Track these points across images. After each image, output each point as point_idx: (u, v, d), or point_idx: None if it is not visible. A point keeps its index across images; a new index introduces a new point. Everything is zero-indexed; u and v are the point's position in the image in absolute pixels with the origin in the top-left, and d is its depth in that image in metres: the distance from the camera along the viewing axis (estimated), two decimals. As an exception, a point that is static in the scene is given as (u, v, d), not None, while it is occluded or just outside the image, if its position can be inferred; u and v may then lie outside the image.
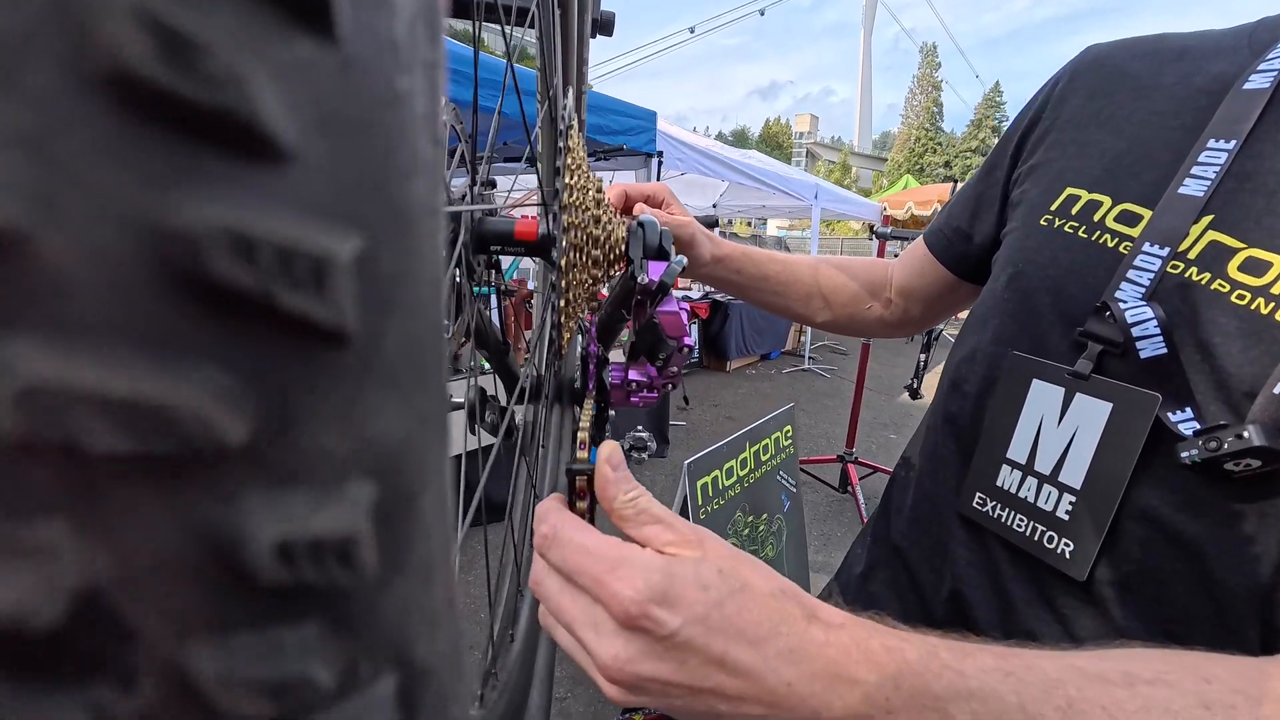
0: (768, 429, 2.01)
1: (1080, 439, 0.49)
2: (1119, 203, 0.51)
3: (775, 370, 6.73)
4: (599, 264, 0.46)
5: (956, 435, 0.60)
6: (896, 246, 3.54)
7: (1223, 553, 0.42)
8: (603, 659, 0.28)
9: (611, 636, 0.28)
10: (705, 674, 0.28)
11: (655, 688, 0.28)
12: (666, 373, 0.50)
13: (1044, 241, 0.55)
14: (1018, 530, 0.52)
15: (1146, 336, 0.45)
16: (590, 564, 0.29)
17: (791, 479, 2.13)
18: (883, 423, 5.07)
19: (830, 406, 5.45)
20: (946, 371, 0.64)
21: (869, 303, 0.84)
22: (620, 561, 0.29)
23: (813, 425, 4.90)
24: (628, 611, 0.28)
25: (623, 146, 3.65)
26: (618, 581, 0.28)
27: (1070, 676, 0.30)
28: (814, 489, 3.66)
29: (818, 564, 2.89)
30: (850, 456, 3.55)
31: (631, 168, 4.23)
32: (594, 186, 0.46)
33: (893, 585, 0.66)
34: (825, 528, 3.30)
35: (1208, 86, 0.50)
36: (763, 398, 5.60)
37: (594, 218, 0.45)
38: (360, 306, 0.09)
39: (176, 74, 0.07)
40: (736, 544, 1.67)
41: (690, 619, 0.28)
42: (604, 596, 0.29)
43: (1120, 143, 0.54)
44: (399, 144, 0.10)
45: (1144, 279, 0.47)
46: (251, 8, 0.08)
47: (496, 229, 0.46)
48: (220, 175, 0.08)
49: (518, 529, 0.58)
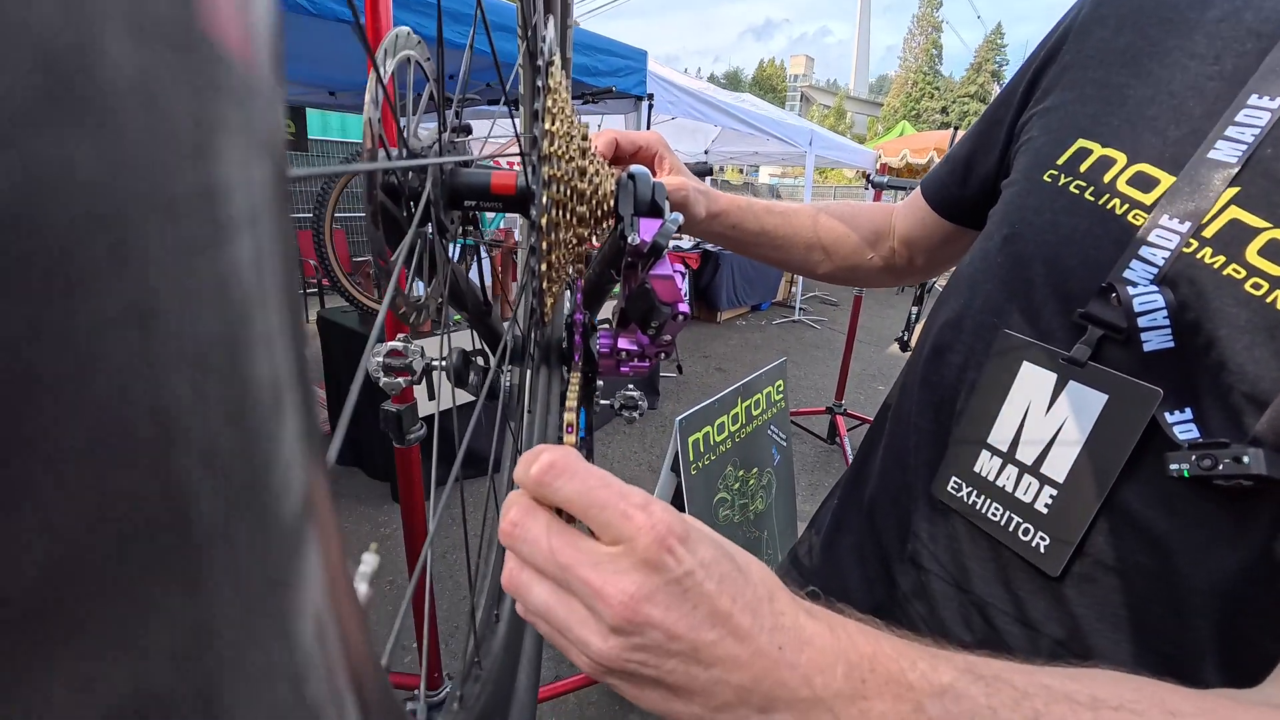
0: (760, 384, 1.99)
1: (1068, 430, 0.45)
2: (1135, 162, 0.45)
3: (766, 321, 6.71)
4: (585, 221, 0.42)
5: (934, 405, 0.57)
6: (892, 197, 3.46)
7: (1191, 551, 0.40)
8: (615, 596, 0.26)
9: (629, 572, 0.26)
10: (706, 628, 0.26)
11: (656, 638, 0.26)
12: (659, 341, 0.46)
13: (1045, 201, 0.49)
14: (992, 519, 0.49)
15: (1154, 328, 0.40)
16: (613, 498, 0.27)
17: (782, 433, 2.12)
18: (871, 374, 5.10)
19: (819, 357, 5.46)
20: (928, 332, 0.60)
21: (870, 253, 0.79)
22: (647, 500, 0.27)
23: (802, 376, 4.91)
24: (659, 537, 0.26)
25: (612, 89, 3.49)
26: (643, 514, 0.26)
27: (1039, 692, 0.29)
28: (802, 440, 3.70)
29: (805, 514, 2.93)
30: (839, 408, 3.57)
31: (621, 111, 4.06)
32: (579, 133, 0.41)
33: (857, 550, 0.64)
34: (813, 478, 3.34)
35: (1259, 27, 0.43)
36: (753, 349, 5.59)
37: (579, 169, 0.40)
38: None
39: None
40: (727, 498, 1.68)
41: (705, 563, 0.27)
42: (629, 529, 0.26)
43: (1145, 88, 0.47)
44: None
45: (1158, 258, 0.41)
46: None
47: (470, 182, 0.41)
48: None
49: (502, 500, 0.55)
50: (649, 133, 0.67)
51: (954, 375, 0.54)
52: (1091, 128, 0.48)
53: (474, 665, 0.40)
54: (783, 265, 0.80)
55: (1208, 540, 0.39)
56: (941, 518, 0.54)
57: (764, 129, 5.72)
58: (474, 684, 0.39)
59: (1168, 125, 0.44)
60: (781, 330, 6.39)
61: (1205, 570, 0.39)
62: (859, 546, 0.63)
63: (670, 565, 0.26)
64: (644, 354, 0.47)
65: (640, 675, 0.27)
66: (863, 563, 0.62)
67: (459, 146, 0.44)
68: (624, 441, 3.56)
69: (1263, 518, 0.37)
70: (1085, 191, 0.46)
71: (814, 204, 0.80)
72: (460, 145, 0.45)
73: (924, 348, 0.59)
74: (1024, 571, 0.48)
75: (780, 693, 0.27)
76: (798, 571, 0.71)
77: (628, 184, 0.43)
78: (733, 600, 0.27)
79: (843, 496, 0.69)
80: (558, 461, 0.27)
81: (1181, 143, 0.43)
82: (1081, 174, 0.47)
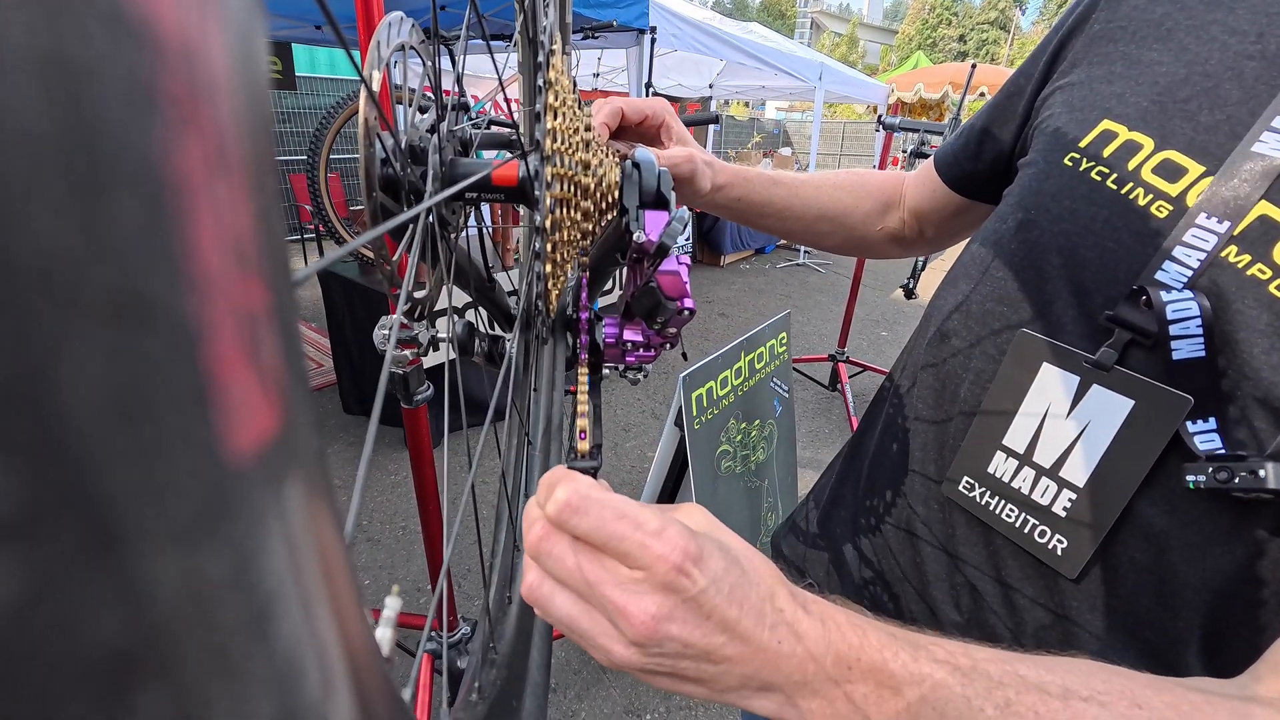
0: (763, 336, 1.99)
1: (1091, 434, 0.44)
2: (1162, 149, 0.42)
3: (770, 265, 6.63)
4: (589, 215, 0.41)
5: (936, 390, 0.55)
6: (904, 139, 3.35)
7: (1187, 549, 0.41)
8: (638, 617, 0.29)
9: (650, 594, 0.29)
10: (717, 634, 0.30)
11: (673, 648, 0.29)
12: (665, 333, 0.46)
13: (1064, 187, 0.47)
14: (1007, 520, 0.49)
15: (1186, 336, 0.38)
16: (629, 530, 0.29)
17: (784, 384, 2.14)
18: (875, 319, 5.07)
19: (823, 303, 5.43)
20: (935, 315, 0.58)
21: (879, 224, 0.77)
22: (662, 526, 0.30)
23: (805, 322, 4.90)
24: (675, 565, 0.29)
25: (613, 23, 3.32)
26: (659, 543, 0.29)
27: (1012, 682, 0.32)
28: (804, 386, 3.72)
29: (805, 459, 3.00)
30: (841, 355, 3.58)
31: (621, 46, 3.88)
32: (583, 124, 0.39)
33: (851, 524, 0.65)
34: (814, 424, 3.39)
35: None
36: (757, 293, 5.55)
37: (583, 163, 0.39)
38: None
39: None
40: (729, 450, 1.71)
41: (716, 579, 0.29)
42: (647, 559, 0.29)
43: (1179, 66, 0.43)
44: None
45: (1193, 260, 0.39)
46: None
47: (470, 173, 0.40)
48: None
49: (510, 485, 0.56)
50: (655, 101, 0.65)
51: (959, 363, 0.53)
52: (1119, 108, 0.45)
53: (490, 650, 0.42)
54: (790, 236, 0.79)
55: (1205, 540, 0.40)
56: (939, 505, 0.54)
57: (771, 63, 5.48)
58: (489, 669, 0.41)
59: (1200, 109, 0.42)
60: (785, 274, 6.32)
61: (1200, 568, 0.40)
62: (853, 521, 0.65)
63: (687, 587, 0.29)
64: (649, 344, 0.47)
65: (656, 671, 0.31)
66: (856, 536, 0.64)
67: (457, 133, 0.43)
68: (626, 388, 3.59)
69: (1264, 520, 0.38)
70: (1107, 179, 0.44)
71: (821, 174, 0.78)
72: (459, 130, 0.43)
73: (928, 330, 0.58)
74: (1016, 559, 0.49)
75: (776, 678, 0.30)
76: (796, 539, 0.73)
77: (632, 173, 0.41)
78: (740, 607, 0.30)
79: (840, 472, 0.71)
80: (571, 501, 0.29)
81: (1214, 130, 0.40)
82: (1104, 159, 0.45)
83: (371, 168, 0.36)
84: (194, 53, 0.08)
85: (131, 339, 0.07)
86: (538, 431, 0.64)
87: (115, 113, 0.07)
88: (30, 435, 0.06)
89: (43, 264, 0.06)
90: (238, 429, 0.09)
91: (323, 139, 3.33)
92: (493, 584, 0.48)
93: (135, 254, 0.07)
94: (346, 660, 0.13)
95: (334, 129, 3.35)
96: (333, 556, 0.12)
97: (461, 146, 0.45)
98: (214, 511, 0.08)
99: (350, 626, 0.13)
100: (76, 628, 0.07)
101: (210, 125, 0.08)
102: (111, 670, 0.07)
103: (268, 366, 0.09)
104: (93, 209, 0.06)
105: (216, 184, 0.08)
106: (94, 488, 0.07)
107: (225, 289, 0.08)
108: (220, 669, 0.09)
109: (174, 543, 0.08)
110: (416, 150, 0.37)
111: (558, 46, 0.38)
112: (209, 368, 0.08)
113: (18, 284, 0.06)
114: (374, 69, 0.32)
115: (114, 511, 0.07)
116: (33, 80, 0.06)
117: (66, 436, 0.07)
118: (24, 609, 0.06)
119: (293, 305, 0.10)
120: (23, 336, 0.06)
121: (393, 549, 2.27)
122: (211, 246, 0.08)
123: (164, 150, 0.07)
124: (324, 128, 3.33)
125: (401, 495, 2.53)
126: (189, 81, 0.08)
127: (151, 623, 0.08)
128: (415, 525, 2.32)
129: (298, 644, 0.10)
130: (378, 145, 0.35)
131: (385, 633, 0.21)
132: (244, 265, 0.09)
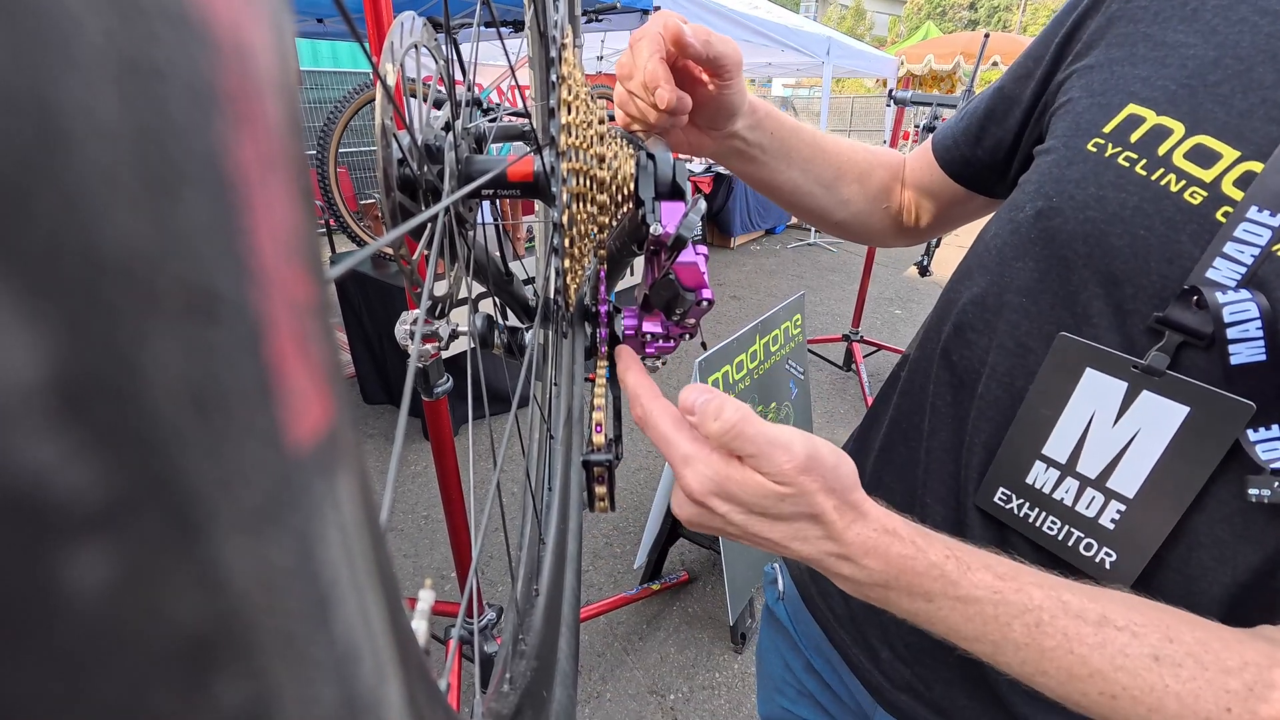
0: (778, 319, 1.98)
1: (1142, 443, 0.42)
2: (1194, 134, 0.40)
3: (780, 245, 6.57)
4: (605, 209, 0.41)
5: (953, 385, 0.53)
6: (915, 113, 3.28)
7: (1217, 546, 0.40)
8: (788, 464, 0.36)
9: (795, 477, 0.36)
10: (820, 503, 0.36)
11: (802, 503, 0.37)
12: (684, 324, 0.46)
13: (1089, 173, 0.44)
14: (1048, 533, 0.47)
15: (1245, 339, 0.36)
16: (778, 454, 0.36)
17: (800, 366, 2.13)
18: (888, 298, 5.02)
19: (836, 282, 5.38)
20: (951, 306, 0.55)
21: (886, 202, 0.73)
22: (791, 447, 0.36)
23: (818, 303, 4.86)
24: (803, 484, 0.36)
25: (617, 3, 3.28)
26: (791, 464, 0.36)
27: (1050, 605, 0.35)
28: (818, 367, 3.71)
29: (821, 441, 3.00)
30: (855, 335, 3.56)
31: (625, 28, 3.83)
32: (597, 117, 0.39)
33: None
34: (829, 405, 3.38)
35: None
36: (768, 274, 5.51)
37: (598, 157, 0.38)
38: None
39: None
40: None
41: (826, 475, 0.37)
42: (789, 472, 0.36)
43: (1208, 49, 0.41)
44: None
45: (1246, 256, 0.36)
46: None
47: (485, 170, 0.40)
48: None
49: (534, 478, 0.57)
50: (729, 41, 0.54)
51: (978, 357, 0.51)
52: (1144, 91, 0.43)
53: (519, 641, 0.43)
54: (805, 198, 0.71)
55: (1235, 538, 0.39)
56: (955, 510, 0.52)
57: (777, 38, 5.39)
58: (519, 660, 0.42)
59: (1233, 93, 0.40)
60: (796, 254, 6.26)
61: (1230, 566, 0.40)
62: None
63: (808, 485, 0.36)
64: (668, 335, 0.47)
65: (774, 513, 0.37)
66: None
67: (471, 130, 0.43)
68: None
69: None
70: (1136, 165, 0.42)
71: (833, 137, 0.72)
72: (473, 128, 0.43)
73: (945, 323, 0.55)
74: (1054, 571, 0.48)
75: (835, 545, 0.37)
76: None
77: (647, 165, 0.41)
78: (834, 494, 0.37)
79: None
80: (735, 425, 0.36)
81: (1249, 114, 0.39)
82: (1132, 144, 0.43)
83: (390, 168, 0.37)
84: (246, 50, 0.08)
85: (204, 332, 0.07)
86: (558, 424, 0.64)
87: (182, 111, 0.07)
88: (118, 427, 0.06)
89: (125, 259, 0.06)
90: (297, 420, 0.09)
91: (331, 133, 3.33)
92: (519, 577, 0.49)
93: (204, 249, 0.07)
94: (395, 649, 0.13)
95: (342, 122, 3.35)
96: (377, 546, 0.12)
97: (475, 143, 0.45)
98: (279, 501, 0.09)
99: (395, 616, 0.13)
100: (162, 614, 0.07)
101: (261, 121, 0.08)
102: (192, 655, 0.08)
103: (316, 359, 0.10)
104: (165, 206, 0.07)
105: (269, 179, 0.08)
106: (175, 478, 0.07)
107: (281, 283, 0.09)
108: (288, 655, 0.09)
109: (245, 532, 0.08)
110: (432, 149, 0.37)
111: (569, 40, 0.37)
112: (271, 360, 0.08)
113: (105, 280, 0.06)
114: (389, 67, 0.32)
115: (193, 501, 0.07)
116: (110, 81, 0.06)
117: (151, 428, 0.07)
118: (115, 596, 0.07)
119: (328, 300, 0.11)
120: (110, 331, 0.06)
121: (416, 538, 2.31)
122: (268, 241, 0.08)
123: (224, 147, 0.07)
124: (331, 122, 3.32)
125: (422, 485, 2.56)
126: (242, 78, 0.08)
127: (227, 609, 0.08)
128: (437, 514, 2.36)
129: (354, 631, 0.11)
130: (394, 145, 0.35)
131: (420, 624, 0.22)
132: (294, 260, 0.09)
